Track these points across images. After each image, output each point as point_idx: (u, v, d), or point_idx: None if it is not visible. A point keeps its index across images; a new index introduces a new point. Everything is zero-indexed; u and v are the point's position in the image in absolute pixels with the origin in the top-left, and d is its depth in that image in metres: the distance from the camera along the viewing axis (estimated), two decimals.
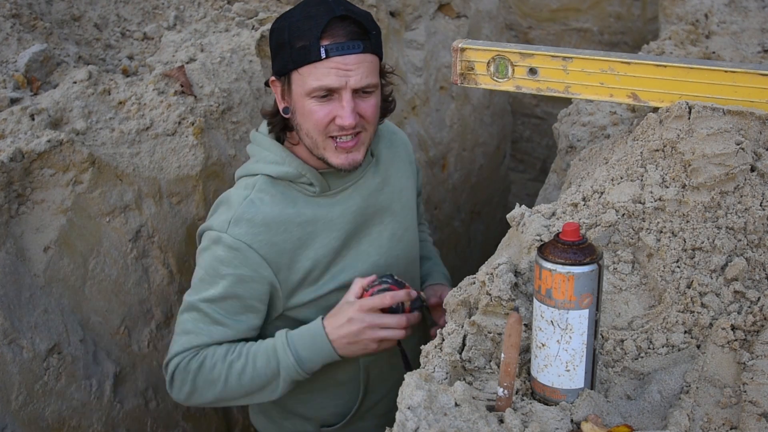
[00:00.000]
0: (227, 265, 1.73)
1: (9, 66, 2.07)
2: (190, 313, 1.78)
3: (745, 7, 2.52)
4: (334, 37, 1.64)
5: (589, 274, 1.09)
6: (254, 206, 1.75)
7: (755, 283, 1.30)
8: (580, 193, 1.47)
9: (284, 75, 1.72)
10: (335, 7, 1.66)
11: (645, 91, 1.54)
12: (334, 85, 1.66)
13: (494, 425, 1.06)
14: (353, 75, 1.67)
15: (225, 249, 1.73)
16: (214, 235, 1.75)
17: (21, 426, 1.77)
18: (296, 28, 1.66)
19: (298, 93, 1.70)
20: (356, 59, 1.67)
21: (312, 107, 1.69)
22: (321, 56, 1.64)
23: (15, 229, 1.86)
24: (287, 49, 1.67)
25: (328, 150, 1.73)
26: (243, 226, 1.73)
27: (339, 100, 1.68)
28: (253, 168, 1.82)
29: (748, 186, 1.35)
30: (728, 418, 1.13)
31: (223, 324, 1.77)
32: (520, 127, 4.14)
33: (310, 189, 1.81)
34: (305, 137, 1.74)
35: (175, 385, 1.82)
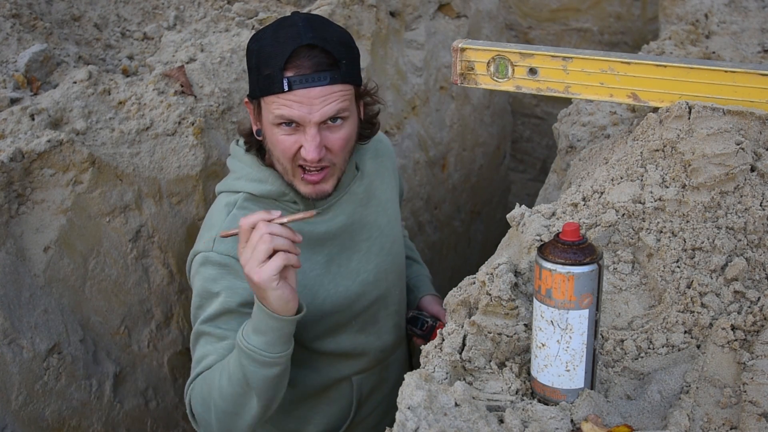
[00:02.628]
0: (218, 281, 1.68)
1: (9, 66, 2.07)
2: (197, 341, 1.72)
3: (745, 7, 2.52)
4: (298, 68, 1.56)
5: (589, 274, 1.09)
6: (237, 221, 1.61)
7: (755, 283, 1.30)
8: (580, 193, 1.47)
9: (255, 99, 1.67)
10: (304, 32, 1.57)
11: (645, 91, 1.54)
12: (295, 118, 1.59)
13: (494, 425, 1.06)
14: (318, 109, 1.58)
15: (213, 267, 1.68)
16: (201, 257, 1.70)
17: (21, 426, 1.77)
18: (264, 53, 1.59)
19: (266, 119, 1.64)
20: (321, 92, 1.58)
21: (279, 137, 1.63)
22: (284, 88, 1.56)
23: (15, 229, 1.86)
24: (255, 74, 1.62)
25: (297, 178, 1.68)
26: (227, 241, 1.66)
27: (303, 133, 1.61)
28: (235, 185, 1.77)
29: (748, 186, 1.35)
30: (728, 418, 1.13)
31: (228, 338, 1.68)
32: (520, 127, 4.14)
33: (293, 207, 1.76)
34: (276, 162, 1.70)
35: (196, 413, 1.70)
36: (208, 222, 1.78)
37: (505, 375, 1.21)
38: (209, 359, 1.67)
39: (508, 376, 1.21)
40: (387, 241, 1.93)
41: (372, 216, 1.90)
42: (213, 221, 1.75)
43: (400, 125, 3.07)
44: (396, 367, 2.08)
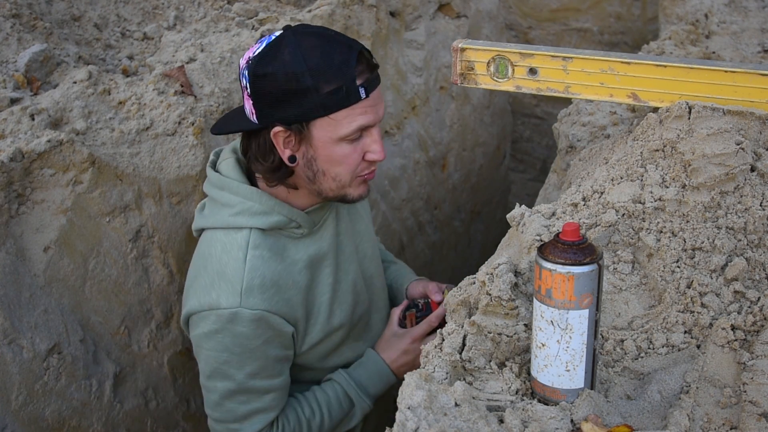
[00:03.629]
0: (254, 338, 1.64)
1: (9, 66, 2.07)
2: (235, 399, 1.70)
3: (745, 7, 2.52)
4: (364, 74, 1.54)
5: (589, 274, 1.09)
6: (258, 269, 1.63)
7: (755, 283, 1.30)
8: (580, 193, 1.47)
9: (299, 122, 1.55)
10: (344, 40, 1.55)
11: (645, 91, 1.54)
12: (372, 123, 1.58)
13: (494, 425, 1.06)
14: (381, 107, 1.61)
15: (246, 324, 1.62)
16: (227, 314, 1.61)
17: (21, 426, 1.77)
18: (319, 70, 1.49)
19: (325, 140, 1.56)
20: (379, 90, 1.61)
21: (345, 151, 1.58)
22: (361, 96, 1.53)
23: (15, 229, 1.86)
24: (311, 95, 1.50)
25: (353, 186, 1.66)
26: (257, 294, 1.62)
27: (369, 136, 1.61)
28: (235, 221, 1.66)
29: (748, 186, 1.35)
30: (728, 418, 1.13)
31: (272, 389, 1.73)
32: (520, 127, 4.14)
33: (297, 232, 1.72)
34: (330, 181, 1.63)
35: None
36: (218, 270, 1.65)
37: (505, 375, 1.21)
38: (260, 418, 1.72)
39: (508, 376, 1.21)
40: (369, 246, 1.96)
41: (355, 224, 1.93)
42: (227, 271, 1.64)
43: (400, 125, 3.07)
44: None
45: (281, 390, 1.76)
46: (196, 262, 1.76)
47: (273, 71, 1.51)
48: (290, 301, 1.69)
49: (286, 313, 1.68)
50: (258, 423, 1.73)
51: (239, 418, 1.72)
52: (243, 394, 1.70)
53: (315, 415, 1.83)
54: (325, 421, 1.84)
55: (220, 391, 1.70)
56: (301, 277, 1.72)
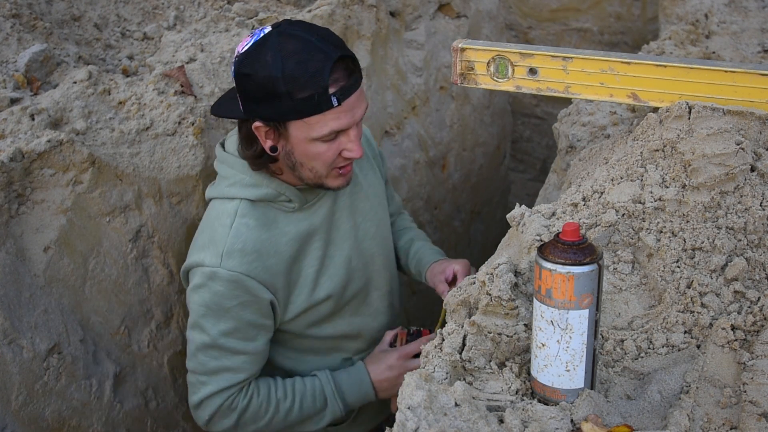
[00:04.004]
0: (229, 297, 1.76)
1: (9, 66, 2.07)
2: (207, 353, 1.81)
3: (745, 7, 2.52)
4: (338, 82, 1.60)
5: (589, 274, 1.09)
6: (241, 235, 1.76)
7: (755, 283, 1.30)
8: (580, 193, 1.47)
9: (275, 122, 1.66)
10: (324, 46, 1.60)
11: (645, 91, 1.54)
12: (343, 128, 1.66)
13: (494, 425, 1.06)
14: (358, 112, 1.67)
15: (223, 283, 1.75)
16: (208, 271, 1.76)
17: (21, 426, 1.77)
18: (293, 78, 1.57)
19: (300, 138, 1.66)
20: (357, 94, 1.66)
21: (320, 149, 1.68)
22: (333, 104, 1.60)
23: (15, 229, 1.86)
24: (286, 100, 1.59)
25: (330, 177, 1.76)
26: (236, 257, 1.75)
27: (344, 137, 1.68)
28: (229, 192, 1.81)
29: (748, 186, 1.35)
30: (728, 418, 1.13)
31: (244, 351, 1.82)
32: (520, 127, 4.14)
33: (289, 206, 1.83)
34: (306, 172, 1.74)
35: (213, 422, 1.87)
36: (210, 234, 1.80)
37: (505, 375, 1.21)
38: (227, 376, 1.81)
39: (508, 376, 1.21)
40: (371, 225, 2.01)
41: (356, 203, 1.98)
42: (216, 235, 1.78)
43: (400, 125, 3.07)
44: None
45: (253, 356, 1.84)
46: (199, 226, 1.90)
47: (253, 72, 1.61)
48: (271, 269, 1.79)
49: (264, 280, 1.78)
50: (224, 381, 1.82)
51: (208, 371, 1.82)
52: (215, 350, 1.80)
53: (286, 399, 1.90)
54: (294, 409, 1.90)
55: (196, 343, 1.82)
56: (287, 248, 1.82)
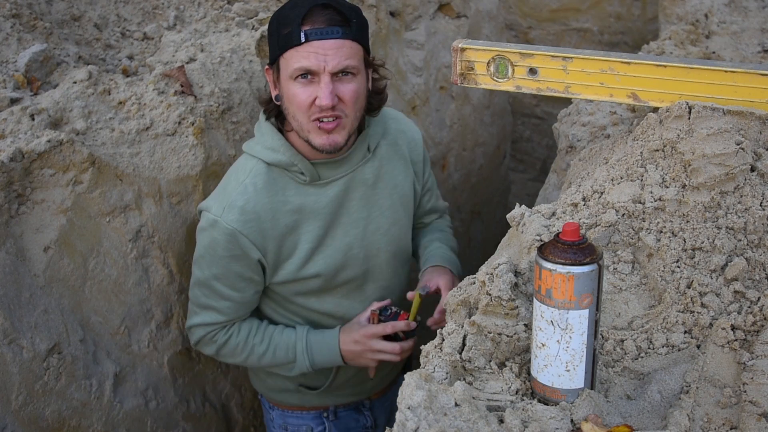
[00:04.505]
0: (222, 247, 1.90)
1: (9, 66, 2.07)
2: (201, 289, 1.99)
3: (745, 7, 2.52)
4: (314, 23, 1.74)
5: (589, 274, 1.09)
6: (246, 193, 1.89)
7: (755, 283, 1.30)
8: (580, 193, 1.47)
9: (274, 63, 1.84)
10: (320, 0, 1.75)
11: (645, 91, 1.54)
12: (312, 68, 1.76)
13: (494, 425, 1.06)
14: (331, 59, 1.75)
15: (219, 233, 1.89)
16: (211, 218, 1.90)
17: (21, 426, 1.77)
18: (283, 16, 1.79)
19: (284, 77, 1.81)
20: (334, 44, 1.76)
21: (295, 90, 1.79)
22: (301, 40, 1.74)
23: (15, 229, 1.86)
24: (275, 37, 1.80)
25: (312, 131, 1.83)
26: (235, 213, 1.88)
27: (318, 83, 1.77)
28: (253, 149, 1.94)
29: (748, 186, 1.35)
30: (728, 418, 1.13)
31: (230, 298, 1.98)
32: (520, 127, 4.14)
33: (300, 177, 1.93)
34: (293, 120, 1.85)
35: (198, 347, 2.09)
36: (225, 183, 1.96)
37: (505, 375, 1.21)
38: (213, 315, 2.00)
39: (508, 376, 1.21)
40: (386, 222, 2.06)
41: (376, 197, 2.03)
42: (229, 186, 1.93)
43: None
44: None
45: (239, 304, 2.00)
46: (227, 171, 2.03)
47: (270, 19, 1.86)
48: (265, 232, 1.91)
49: (255, 240, 1.90)
50: (208, 317, 2.01)
51: (199, 305, 2.02)
52: (205, 288, 1.98)
53: (261, 344, 2.05)
54: (267, 355, 2.06)
55: (195, 277, 2.01)
56: (285, 217, 1.93)
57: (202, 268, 1.97)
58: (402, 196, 2.09)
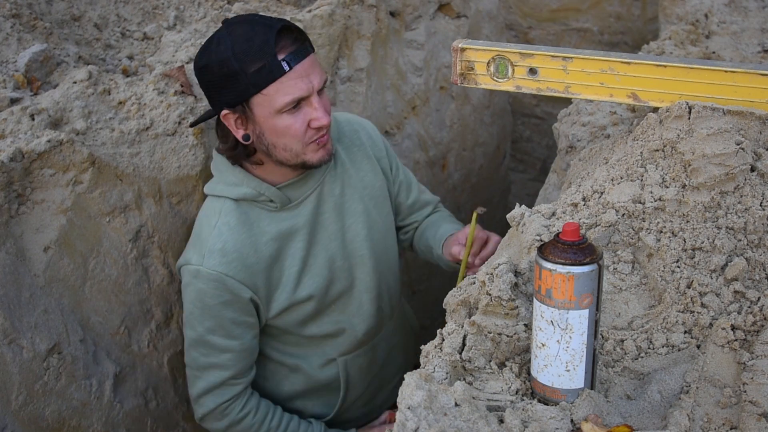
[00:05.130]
0: (211, 296, 1.84)
1: (9, 66, 2.07)
2: (197, 349, 1.91)
3: (745, 7, 2.52)
4: (287, 48, 1.68)
5: (589, 274, 1.09)
6: (222, 235, 1.83)
7: (755, 283, 1.30)
8: (580, 193, 1.47)
9: (239, 104, 1.73)
10: (267, 21, 1.69)
11: (645, 91, 1.54)
12: (304, 94, 1.71)
13: (494, 425, 1.06)
14: (314, 77, 1.72)
15: (205, 282, 1.83)
16: (193, 269, 1.85)
17: (21, 426, 1.77)
18: (243, 53, 1.65)
19: (265, 114, 1.72)
20: (310, 61, 1.72)
21: (286, 122, 1.72)
22: (285, 69, 1.67)
23: (15, 229, 1.86)
24: (241, 76, 1.67)
25: (309, 152, 1.79)
26: (216, 257, 1.82)
27: (308, 106, 1.73)
28: (217, 189, 1.89)
29: (748, 186, 1.35)
30: (728, 418, 1.13)
31: (229, 348, 1.90)
32: (520, 127, 4.14)
33: (271, 205, 1.88)
34: (282, 152, 1.78)
35: (206, 420, 1.99)
36: (198, 232, 1.90)
37: (505, 375, 1.21)
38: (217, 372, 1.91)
39: (508, 376, 1.21)
40: (362, 228, 2.00)
41: (346, 204, 1.98)
42: (202, 233, 1.87)
43: (400, 125, 3.07)
44: (384, 348, 2.18)
45: (238, 353, 1.92)
46: (196, 221, 1.98)
47: (208, 61, 1.71)
48: (251, 268, 1.85)
49: (244, 279, 1.84)
50: (213, 377, 1.91)
51: (199, 367, 1.93)
52: (202, 347, 1.90)
53: (278, 430, 2.00)
54: None
55: (188, 339, 1.93)
56: (266, 247, 1.87)
57: (194, 326, 1.89)
58: (374, 197, 2.04)
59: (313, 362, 2.07)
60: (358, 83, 2.81)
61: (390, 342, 2.20)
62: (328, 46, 2.62)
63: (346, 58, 2.77)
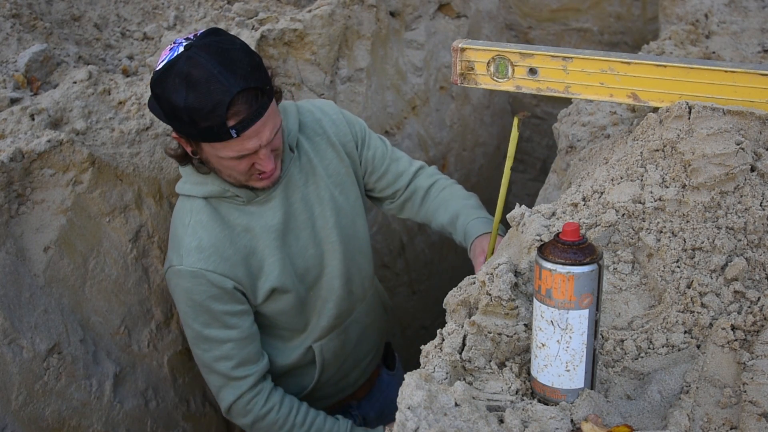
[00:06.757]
0: (197, 292, 1.86)
1: (9, 66, 2.07)
2: (199, 346, 1.94)
3: (745, 7, 2.52)
4: (239, 115, 1.63)
5: (589, 274, 1.09)
6: (196, 233, 1.85)
7: (755, 283, 1.30)
8: (580, 193, 1.47)
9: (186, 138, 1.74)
10: (225, 79, 1.60)
11: (645, 91, 1.54)
12: (251, 152, 1.71)
13: (494, 425, 1.06)
14: (264, 135, 1.70)
15: (188, 280, 1.85)
16: (175, 270, 1.87)
17: (21, 426, 1.77)
18: (194, 110, 1.61)
19: (211, 154, 1.73)
20: (262, 121, 1.68)
21: (230, 164, 1.74)
22: (233, 136, 1.65)
23: (15, 229, 1.86)
24: (189, 126, 1.65)
25: (253, 181, 1.83)
26: (194, 255, 1.84)
27: (255, 155, 1.73)
28: (185, 188, 1.90)
29: (748, 186, 1.35)
30: (728, 418, 1.13)
31: (229, 338, 1.92)
32: (520, 127, 4.13)
33: (238, 200, 1.89)
34: (226, 177, 1.81)
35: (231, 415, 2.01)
36: (174, 233, 1.91)
37: (505, 375, 1.21)
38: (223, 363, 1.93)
39: (508, 376, 1.21)
40: (330, 215, 2.02)
41: (314, 192, 2.00)
42: (178, 233, 1.89)
43: (400, 125, 3.07)
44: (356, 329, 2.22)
45: (240, 341, 1.93)
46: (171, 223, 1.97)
47: (161, 95, 1.67)
48: (229, 261, 1.87)
49: (224, 271, 1.86)
50: (222, 367, 1.93)
51: (206, 363, 1.95)
52: (203, 342, 1.92)
53: (303, 426, 2.02)
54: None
55: (189, 339, 1.96)
56: (241, 239, 1.90)
57: (190, 324, 1.92)
58: (340, 184, 2.05)
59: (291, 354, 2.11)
60: (358, 83, 2.81)
61: (363, 322, 2.23)
62: (328, 46, 2.63)
63: (346, 58, 2.77)
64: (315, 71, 2.66)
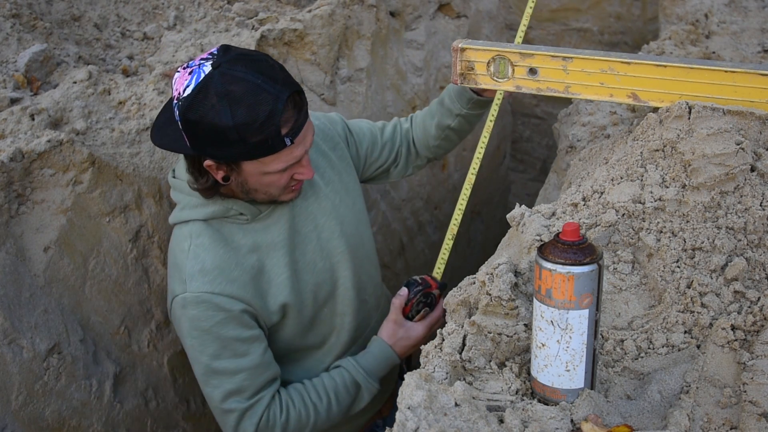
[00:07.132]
0: (205, 319, 1.75)
1: (9, 66, 2.07)
2: (209, 383, 1.81)
3: (745, 7, 2.52)
4: (290, 122, 1.61)
5: (589, 274, 1.09)
6: (198, 256, 1.76)
7: (755, 283, 1.30)
8: (580, 193, 1.47)
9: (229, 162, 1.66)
10: (275, 90, 1.57)
11: (645, 91, 1.54)
12: (297, 160, 1.68)
13: (494, 425, 1.06)
14: (308, 139, 1.69)
15: (194, 307, 1.75)
16: (179, 299, 1.76)
17: (21, 426, 1.77)
18: (245, 125, 1.55)
19: (254, 173, 1.67)
20: (308, 126, 1.67)
21: (273, 179, 1.70)
22: (287, 144, 1.62)
23: (15, 229, 1.86)
24: (238, 145, 1.58)
25: (283, 195, 1.79)
26: (197, 279, 1.75)
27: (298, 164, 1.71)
28: (183, 215, 1.82)
29: (748, 186, 1.35)
30: (728, 418, 1.13)
31: (240, 368, 1.80)
32: (520, 127, 4.14)
33: (242, 218, 1.82)
34: (260, 195, 1.76)
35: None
36: (173, 262, 1.82)
37: (505, 375, 1.21)
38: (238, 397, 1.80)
39: (508, 376, 1.21)
40: (335, 225, 1.98)
41: (315, 203, 1.95)
42: (178, 261, 1.79)
43: None
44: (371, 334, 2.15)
45: (252, 370, 1.81)
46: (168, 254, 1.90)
47: (201, 120, 1.57)
48: (236, 281, 1.78)
49: (232, 293, 1.77)
50: (234, 404, 1.80)
51: (218, 402, 1.81)
52: (213, 378, 1.79)
53: (322, 399, 1.93)
54: (333, 406, 1.94)
55: (198, 377, 1.83)
56: (247, 260, 1.81)
57: (198, 358, 1.79)
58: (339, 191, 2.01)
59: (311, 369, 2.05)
60: (358, 83, 2.81)
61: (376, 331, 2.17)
62: (328, 46, 2.63)
63: (346, 58, 2.77)
64: (315, 71, 2.66)
